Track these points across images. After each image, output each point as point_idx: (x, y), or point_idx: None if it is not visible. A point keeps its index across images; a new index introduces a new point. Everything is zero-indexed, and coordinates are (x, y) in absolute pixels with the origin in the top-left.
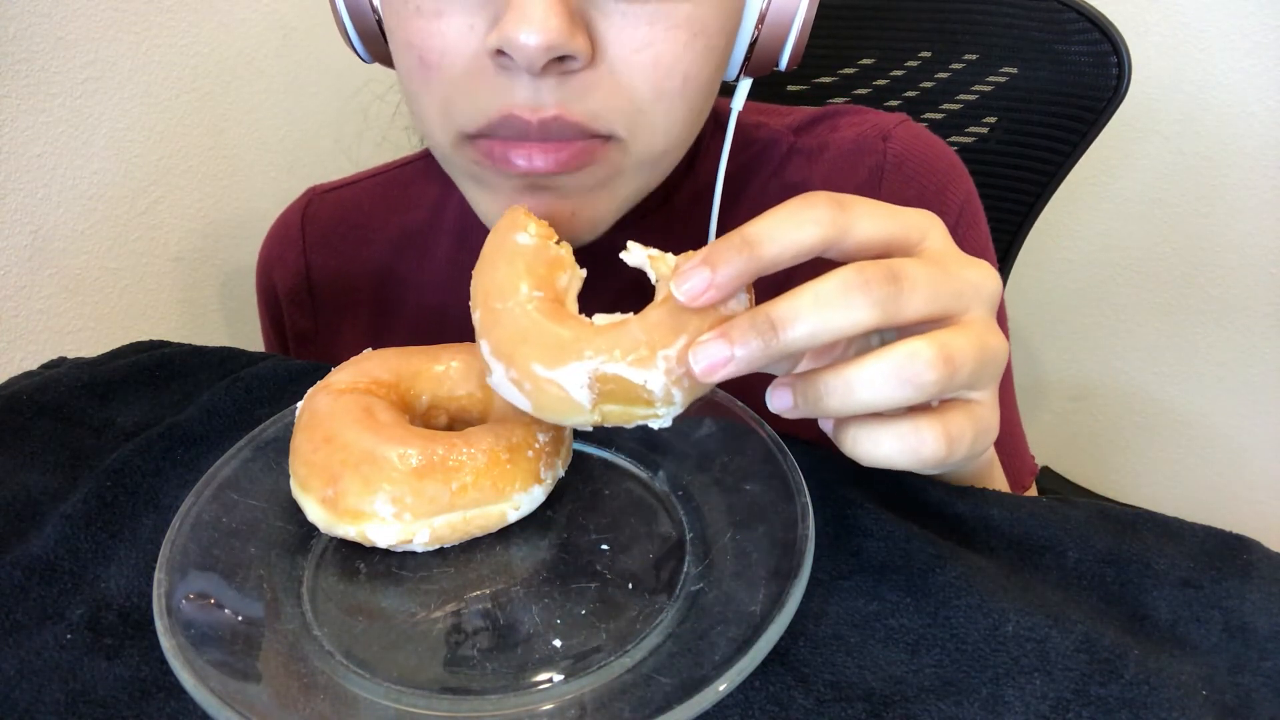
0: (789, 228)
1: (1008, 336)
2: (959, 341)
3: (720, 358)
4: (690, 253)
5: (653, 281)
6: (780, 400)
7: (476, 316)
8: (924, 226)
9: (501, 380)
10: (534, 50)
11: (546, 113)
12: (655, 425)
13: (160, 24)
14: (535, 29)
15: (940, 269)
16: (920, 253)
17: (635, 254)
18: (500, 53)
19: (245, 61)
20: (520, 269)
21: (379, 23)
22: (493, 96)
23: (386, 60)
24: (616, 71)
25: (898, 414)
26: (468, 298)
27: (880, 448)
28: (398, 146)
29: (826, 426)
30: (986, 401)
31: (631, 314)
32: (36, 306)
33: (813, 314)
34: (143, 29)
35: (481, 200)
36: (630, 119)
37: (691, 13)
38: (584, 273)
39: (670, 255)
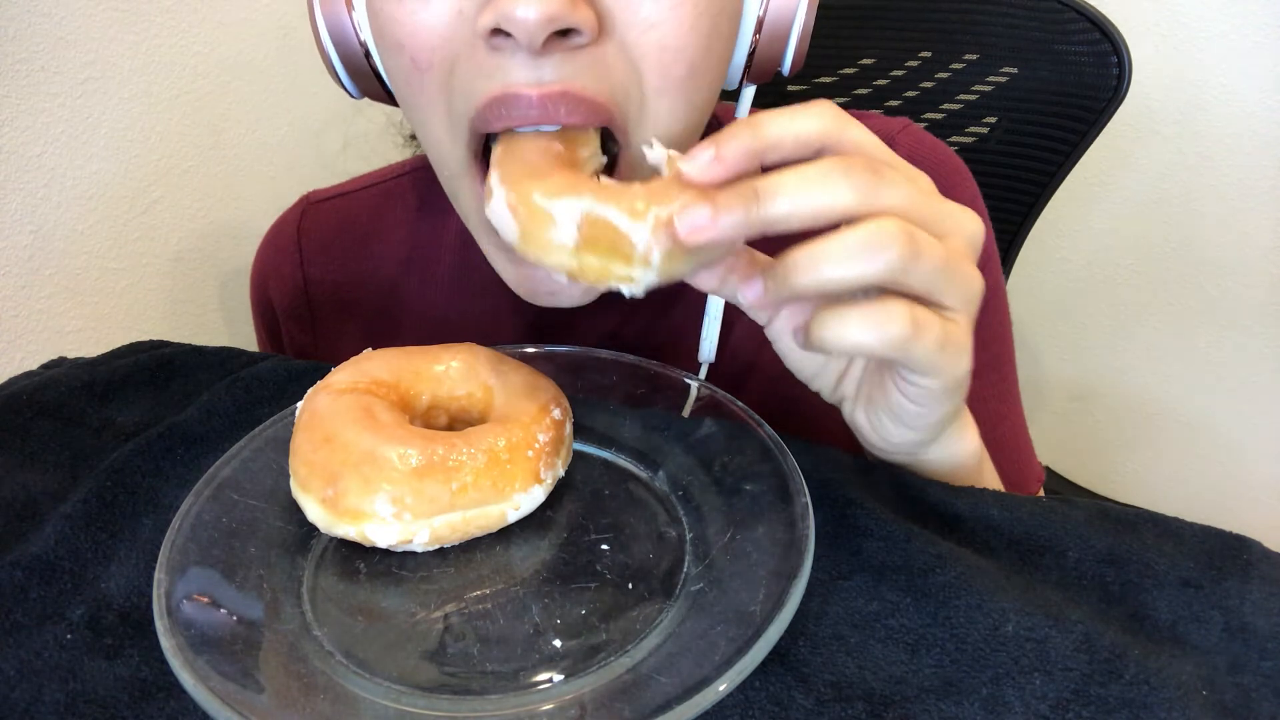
0: (791, 118)
1: (1010, 338)
2: (927, 237)
3: (703, 220)
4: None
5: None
6: (750, 290)
7: (497, 151)
8: (913, 172)
9: (499, 205)
10: (534, 23)
11: (551, 88)
12: (627, 291)
13: (160, 24)
14: (532, 0)
15: (924, 188)
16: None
17: (657, 150)
18: (496, 32)
19: (245, 61)
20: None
21: (366, 55)
22: (489, 80)
23: (376, 95)
24: (623, 55)
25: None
26: (469, 314)
27: (847, 328)
28: (386, 156)
29: (797, 339)
30: (959, 321)
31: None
32: (36, 306)
33: (794, 189)
34: (143, 29)
35: (498, 258)
36: (630, 109)
37: None
38: (605, 159)
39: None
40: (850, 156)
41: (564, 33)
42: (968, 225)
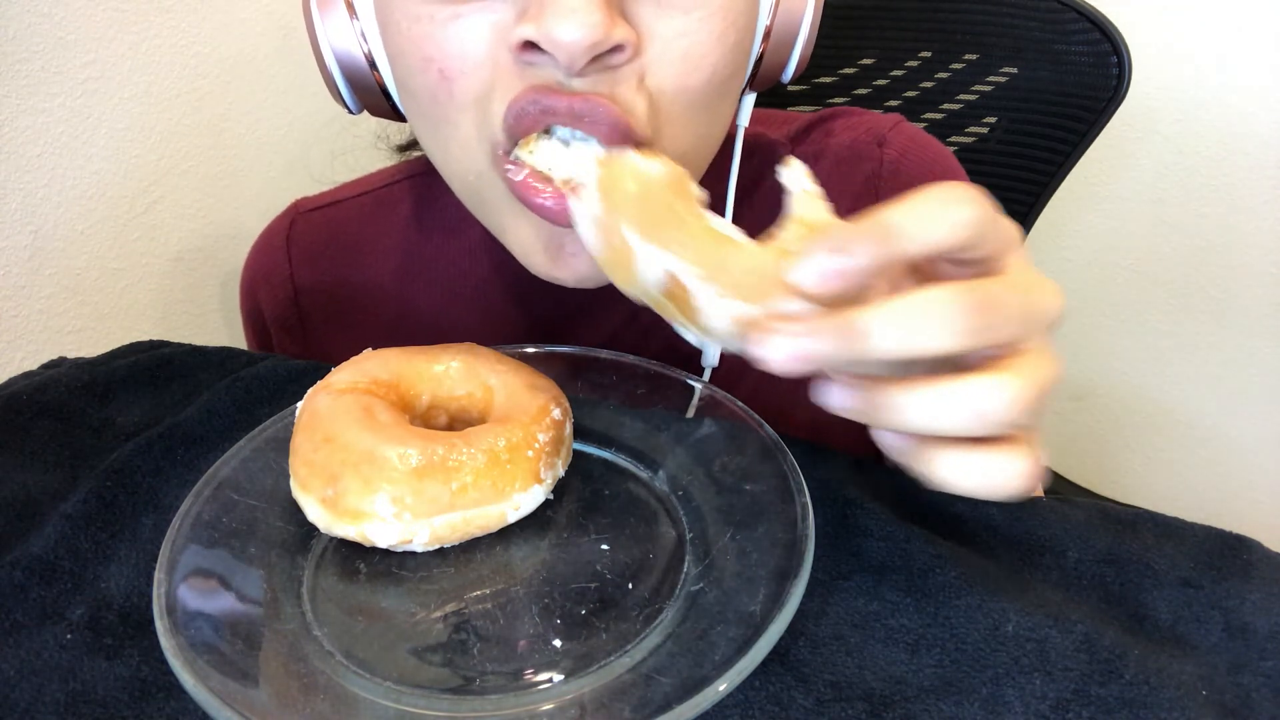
0: (934, 228)
1: None
2: (1038, 379)
3: (799, 351)
4: (822, 228)
5: (788, 212)
6: (839, 399)
7: (597, 167)
8: (1015, 237)
9: (586, 217)
10: (578, 49)
11: (576, 99)
12: (683, 334)
13: (160, 24)
14: (578, 23)
15: (1026, 298)
16: (1006, 268)
17: (796, 175)
18: (528, 46)
19: (245, 61)
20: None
21: (372, 68)
22: (521, 81)
23: (377, 110)
24: (648, 66)
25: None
26: (465, 321)
27: (972, 476)
28: (377, 162)
29: (889, 444)
30: (1036, 423)
31: (744, 237)
32: (36, 306)
33: (903, 330)
34: (143, 29)
35: (520, 230)
36: (649, 116)
37: (726, 2)
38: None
39: (822, 203)
40: (963, 295)
41: (604, 52)
42: (1053, 311)
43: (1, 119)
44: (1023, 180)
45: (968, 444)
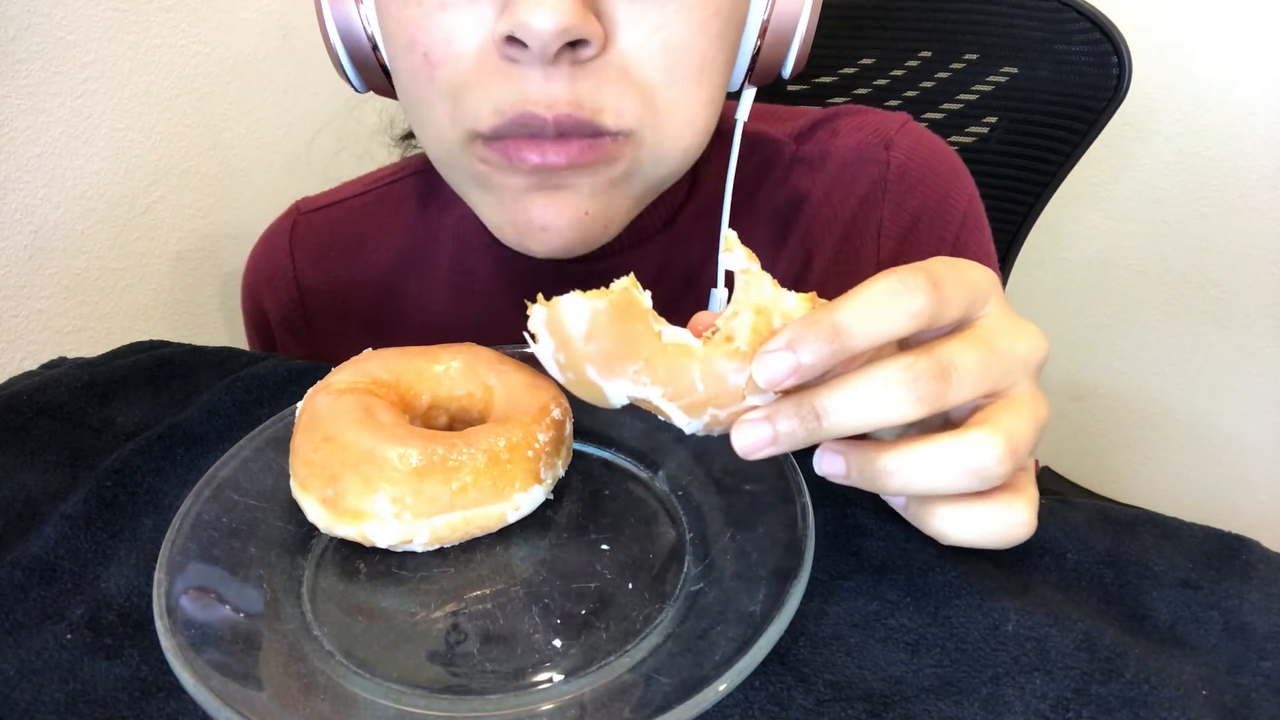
0: (883, 318)
1: None
2: (1021, 428)
3: (763, 439)
4: (768, 311)
5: (735, 295)
6: (832, 466)
7: (541, 312)
8: (987, 292)
9: (547, 356)
10: (548, 34)
11: (561, 109)
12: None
13: (160, 24)
14: (548, 11)
15: (990, 351)
16: (977, 324)
17: (737, 258)
18: (509, 40)
19: (245, 61)
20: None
21: (374, 49)
22: (505, 92)
23: (381, 89)
24: (629, 59)
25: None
26: (468, 317)
27: (971, 529)
28: (379, 158)
29: (894, 503)
30: (1030, 463)
31: (698, 342)
32: (36, 306)
33: (858, 408)
34: (143, 29)
35: (487, 205)
36: (645, 110)
37: None
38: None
39: (766, 279)
40: (915, 364)
41: (574, 45)
42: (1033, 358)
43: (1, 119)
44: (1023, 180)
45: (965, 497)
